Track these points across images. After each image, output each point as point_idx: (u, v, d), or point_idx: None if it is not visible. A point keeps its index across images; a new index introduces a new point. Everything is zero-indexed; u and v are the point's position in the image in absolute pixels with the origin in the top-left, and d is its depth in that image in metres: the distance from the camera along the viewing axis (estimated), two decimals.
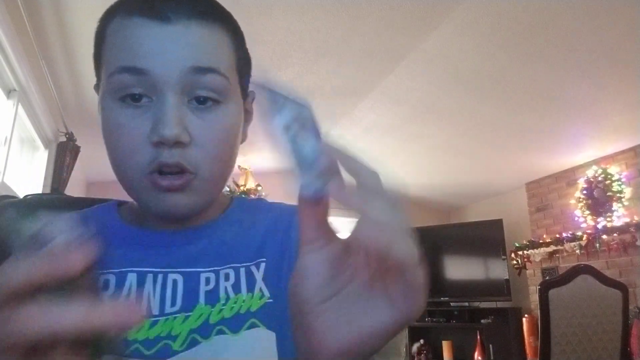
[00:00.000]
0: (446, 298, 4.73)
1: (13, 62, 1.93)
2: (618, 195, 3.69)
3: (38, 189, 2.60)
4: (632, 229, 3.41)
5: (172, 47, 0.44)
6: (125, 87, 0.44)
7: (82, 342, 0.25)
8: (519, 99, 3.09)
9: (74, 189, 3.23)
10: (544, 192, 4.51)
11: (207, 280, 0.49)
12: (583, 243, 3.71)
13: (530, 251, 4.24)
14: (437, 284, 4.86)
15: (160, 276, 0.48)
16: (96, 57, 0.49)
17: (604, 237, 3.58)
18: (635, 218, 3.49)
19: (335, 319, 0.31)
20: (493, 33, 2.42)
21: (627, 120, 3.29)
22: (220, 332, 0.45)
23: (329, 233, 0.32)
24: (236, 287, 0.48)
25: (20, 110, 2.20)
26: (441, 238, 5.02)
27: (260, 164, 4.52)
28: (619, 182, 3.72)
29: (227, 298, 0.47)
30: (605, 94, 2.95)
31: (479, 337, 4.24)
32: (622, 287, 2.09)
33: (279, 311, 0.47)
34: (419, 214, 5.65)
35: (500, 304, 4.46)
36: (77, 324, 0.23)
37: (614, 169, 3.80)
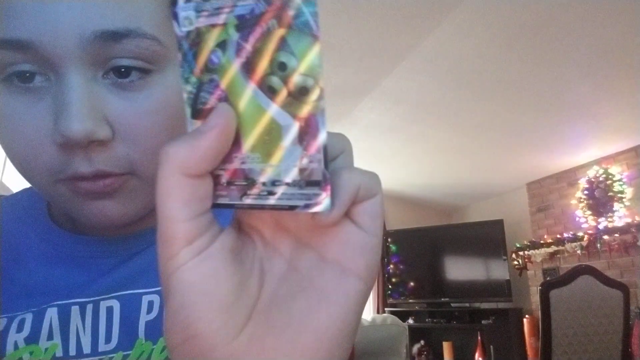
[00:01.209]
0: (447, 299, 4.72)
1: None
2: (619, 195, 3.69)
3: None
4: (633, 230, 3.40)
5: (64, 8, 0.30)
6: (6, 66, 0.31)
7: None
8: (520, 98, 3.08)
9: None
10: (545, 192, 4.50)
11: (150, 306, 0.38)
12: (584, 243, 3.70)
13: (531, 252, 4.23)
14: (438, 284, 4.85)
15: (89, 306, 0.37)
16: None
17: (605, 237, 3.57)
18: (637, 218, 3.48)
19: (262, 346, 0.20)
20: (493, 33, 2.42)
21: (628, 120, 3.28)
22: None
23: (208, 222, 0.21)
24: None
25: None
26: (441, 238, 5.01)
27: None
28: (620, 182, 3.71)
29: None
30: (606, 93, 2.94)
31: (479, 338, 4.23)
32: (624, 288, 2.08)
33: None
34: (420, 214, 5.65)
35: (501, 305, 4.45)
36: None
37: (615, 169, 3.80)
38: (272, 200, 0.20)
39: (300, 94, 0.19)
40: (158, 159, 0.20)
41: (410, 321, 4.65)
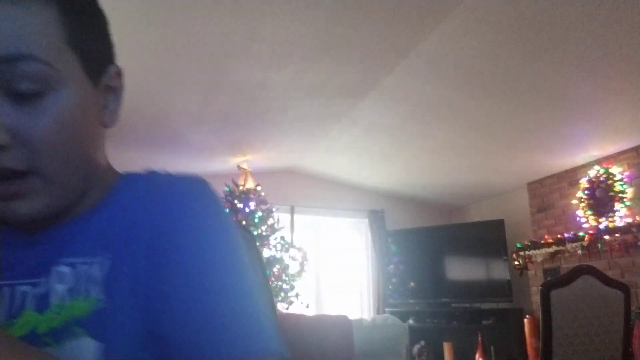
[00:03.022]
0: (447, 299, 4.72)
1: None
2: (620, 195, 3.68)
3: None
4: (634, 229, 3.39)
5: None
6: None
7: None
8: (521, 98, 3.07)
9: None
10: (546, 192, 4.49)
11: (36, 285, 0.43)
12: (585, 243, 3.69)
13: (531, 252, 4.22)
14: (438, 285, 4.85)
15: (7, 289, 0.43)
16: None
17: (606, 237, 3.56)
18: (638, 218, 3.47)
19: None
20: (493, 33, 2.41)
21: (629, 120, 3.27)
22: (45, 344, 0.40)
23: None
24: (74, 290, 0.42)
25: None
26: (442, 238, 5.00)
27: (259, 164, 4.51)
28: (621, 182, 3.71)
29: (62, 305, 0.42)
30: (607, 93, 2.94)
31: (480, 338, 4.22)
32: (624, 288, 2.08)
33: (113, 318, 0.41)
34: (420, 214, 5.64)
35: (501, 305, 4.44)
36: None
37: (616, 169, 3.79)
38: None
39: None
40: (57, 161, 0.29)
41: (411, 321, 4.65)
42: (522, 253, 4.33)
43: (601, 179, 3.81)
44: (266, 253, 3.83)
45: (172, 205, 0.44)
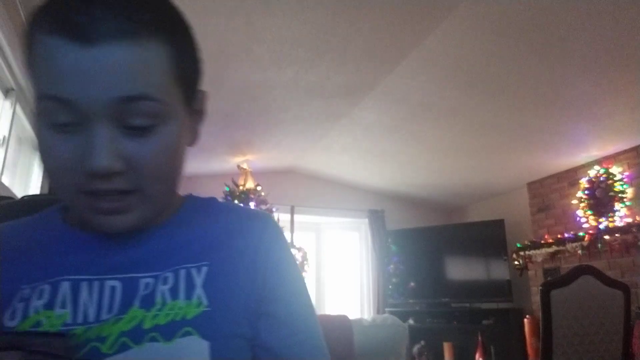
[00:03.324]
0: (447, 299, 4.72)
1: (11, 61, 1.92)
2: (620, 195, 3.68)
3: (36, 190, 2.59)
4: (634, 230, 3.39)
5: (96, 75, 0.40)
6: (52, 115, 0.42)
7: None
8: (521, 98, 3.08)
9: None
10: (546, 192, 4.49)
11: (146, 286, 0.47)
12: (585, 243, 3.69)
13: (531, 252, 4.22)
14: (438, 284, 4.85)
15: (96, 283, 0.47)
16: (27, 64, 0.46)
17: (606, 237, 3.56)
18: (638, 218, 3.47)
19: None
20: (493, 33, 2.41)
21: (629, 120, 3.27)
22: (153, 339, 0.43)
23: None
24: (174, 292, 0.47)
25: (18, 109, 2.19)
26: (442, 238, 5.01)
27: (259, 164, 4.51)
28: (621, 182, 3.71)
29: (164, 303, 0.46)
30: (607, 93, 2.94)
31: (480, 338, 4.22)
32: (624, 288, 2.08)
33: (217, 320, 0.46)
34: (420, 214, 5.64)
35: (501, 305, 4.44)
36: None
37: (616, 169, 3.79)
38: None
39: None
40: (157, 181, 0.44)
41: (411, 321, 4.65)
42: (522, 253, 4.33)
43: (601, 179, 3.81)
44: None
45: (266, 234, 0.54)
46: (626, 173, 3.74)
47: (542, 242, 4.12)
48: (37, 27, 0.42)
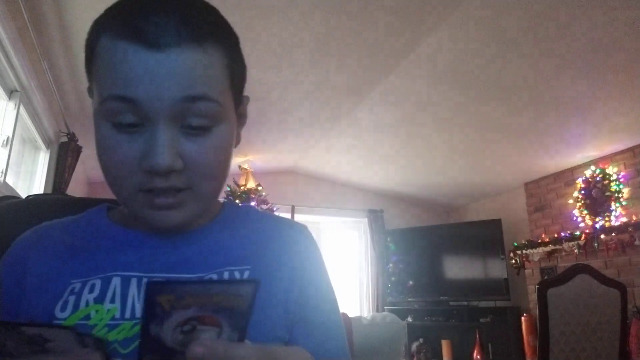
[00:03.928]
0: (445, 297, 4.75)
1: (15, 63, 1.93)
2: (616, 195, 3.71)
3: (40, 189, 2.60)
4: (630, 229, 3.42)
5: (162, 77, 0.43)
6: (117, 114, 0.45)
7: None
8: (518, 99, 3.10)
9: (76, 189, 3.24)
10: (543, 192, 4.52)
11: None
12: (581, 243, 3.73)
13: (528, 251, 4.26)
14: (436, 283, 4.87)
15: (145, 280, 0.49)
16: (87, 67, 0.49)
17: (602, 236, 3.59)
18: (634, 218, 3.50)
19: None
20: (492, 34, 2.44)
21: (625, 120, 3.30)
22: None
23: None
24: None
25: (22, 110, 2.20)
26: (440, 238, 5.03)
27: (260, 164, 4.53)
28: (617, 182, 3.74)
29: None
30: (603, 94, 2.96)
31: (477, 336, 4.25)
32: (621, 287, 2.10)
33: (257, 322, 0.47)
34: (419, 213, 5.67)
35: (499, 303, 4.47)
36: None
37: (612, 169, 3.82)
38: None
39: None
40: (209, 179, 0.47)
41: (409, 319, 4.68)
42: (519, 252, 4.36)
43: (597, 179, 3.84)
44: None
45: (304, 244, 0.58)
46: (622, 173, 3.77)
47: (539, 241, 4.15)
48: (105, 32, 0.45)
